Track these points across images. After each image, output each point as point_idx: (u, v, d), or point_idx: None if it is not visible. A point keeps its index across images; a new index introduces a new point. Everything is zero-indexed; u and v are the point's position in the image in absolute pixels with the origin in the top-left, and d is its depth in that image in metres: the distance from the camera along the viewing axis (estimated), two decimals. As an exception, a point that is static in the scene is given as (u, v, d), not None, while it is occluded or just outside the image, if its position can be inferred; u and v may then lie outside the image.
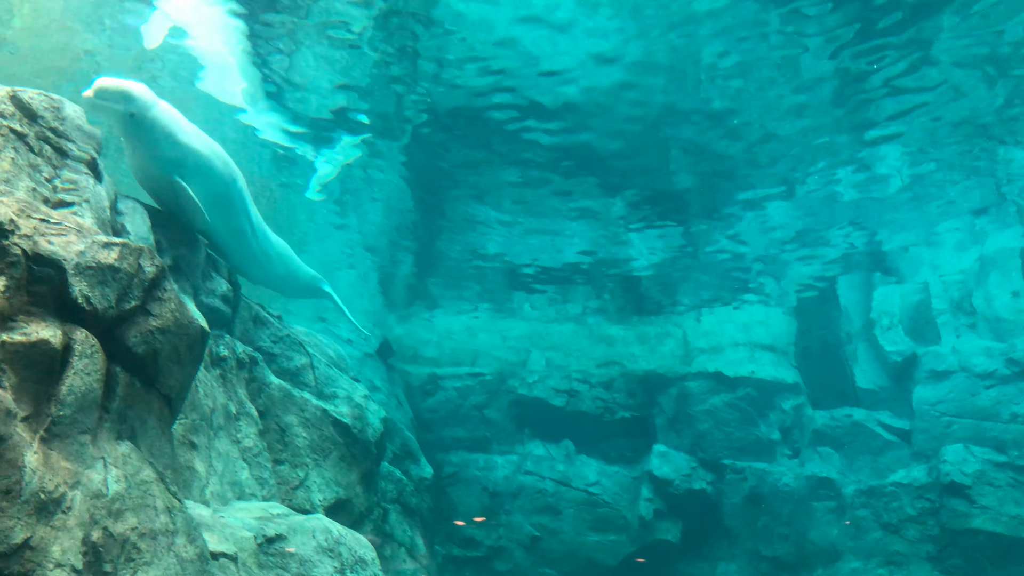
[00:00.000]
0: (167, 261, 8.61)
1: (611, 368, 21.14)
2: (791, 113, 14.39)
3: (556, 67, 12.95)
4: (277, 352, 11.88)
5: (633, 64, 12.82)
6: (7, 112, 6.21)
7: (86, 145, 6.94)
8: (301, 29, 12.14)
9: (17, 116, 6.27)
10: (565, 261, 20.79)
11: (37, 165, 6.27)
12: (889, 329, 20.60)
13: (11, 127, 6.16)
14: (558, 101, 13.99)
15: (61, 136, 6.67)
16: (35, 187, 6.12)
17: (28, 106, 6.42)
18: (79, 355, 5.39)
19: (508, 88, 13.59)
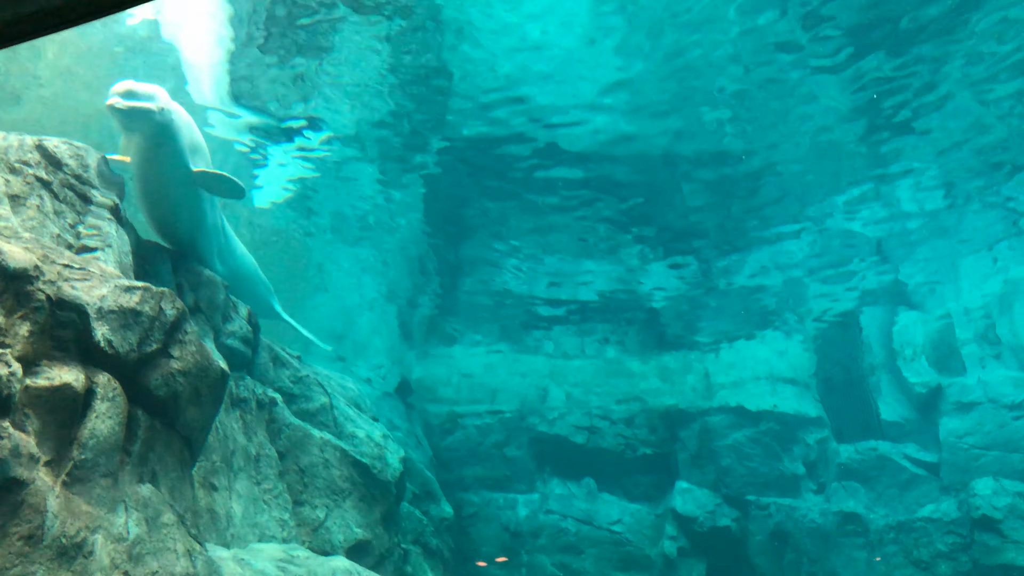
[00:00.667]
0: (188, 303, 8.69)
1: (632, 404, 21.00)
2: (809, 148, 14.42)
3: (571, 107, 13.07)
4: (297, 392, 11.90)
5: (648, 104, 12.93)
6: (33, 161, 6.34)
7: (109, 191, 7.07)
8: (323, 74, 12.36)
9: (43, 164, 6.40)
10: (584, 296, 20.78)
11: (61, 211, 6.38)
12: (912, 360, 20.36)
13: (36, 175, 6.28)
14: (574, 141, 14.10)
15: (85, 183, 6.80)
16: (59, 233, 6.22)
17: (53, 155, 6.56)
18: (101, 398, 5.44)
19: (523, 130, 13.71)
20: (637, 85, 12.57)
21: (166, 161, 8.57)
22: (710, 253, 18.92)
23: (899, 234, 18.32)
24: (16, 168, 6.17)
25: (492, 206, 16.63)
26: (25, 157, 6.34)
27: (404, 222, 17.66)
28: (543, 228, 17.57)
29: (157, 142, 8.39)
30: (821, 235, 18.22)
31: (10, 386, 4.83)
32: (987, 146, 14.86)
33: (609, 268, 19.52)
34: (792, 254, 19.00)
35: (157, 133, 8.31)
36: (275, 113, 13.66)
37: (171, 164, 8.65)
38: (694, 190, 16.03)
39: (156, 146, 8.45)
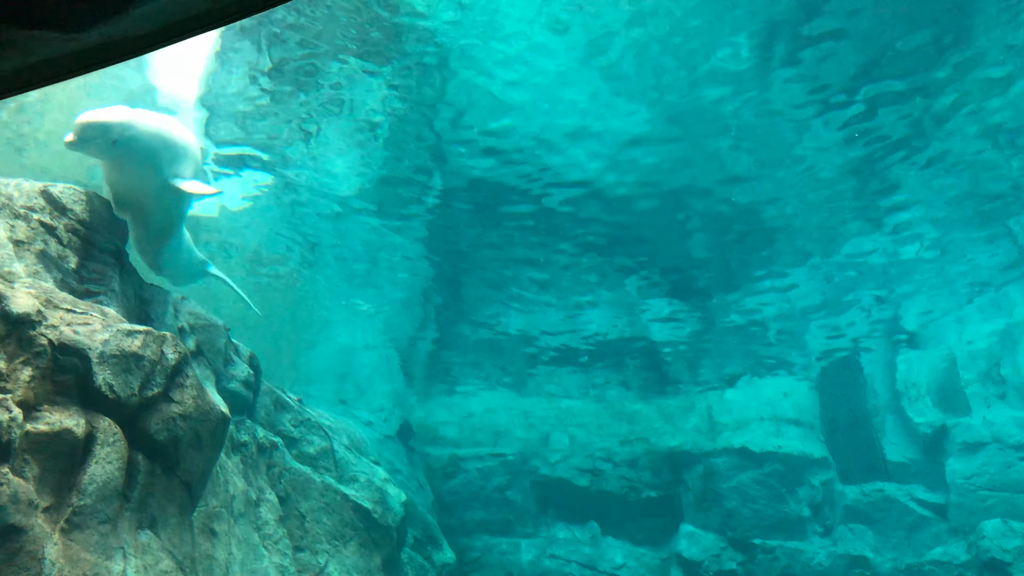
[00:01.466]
0: (189, 346, 8.70)
1: (635, 445, 20.87)
2: (809, 189, 14.51)
3: (573, 150, 13.19)
4: (297, 436, 11.85)
5: (650, 143, 13.04)
6: (38, 206, 6.39)
7: (113, 235, 7.11)
8: (323, 117, 12.49)
9: (47, 210, 6.45)
10: (586, 337, 20.75)
11: (65, 256, 6.42)
12: (916, 400, 20.25)
13: (41, 220, 6.33)
14: (575, 184, 14.19)
15: (89, 228, 6.84)
16: (63, 277, 6.25)
17: (58, 200, 6.62)
18: (101, 443, 5.42)
19: (525, 172, 13.81)
20: (640, 129, 12.69)
21: (133, 177, 8.33)
22: (712, 294, 18.93)
23: (900, 273, 18.34)
24: (21, 214, 6.22)
25: (494, 247, 16.69)
26: (30, 203, 6.39)
27: (405, 263, 17.70)
28: (545, 269, 17.61)
29: (120, 164, 8.21)
30: (822, 275, 18.24)
31: (10, 432, 4.82)
32: (988, 185, 14.94)
33: (611, 309, 19.52)
34: (793, 294, 19.01)
35: (119, 157, 8.13)
36: (271, 153, 13.78)
37: (139, 179, 8.41)
38: (696, 232, 16.10)
39: (120, 167, 8.26)
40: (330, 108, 12.30)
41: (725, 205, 15.11)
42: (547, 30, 10.53)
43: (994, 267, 18.54)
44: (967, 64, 11.49)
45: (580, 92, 11.89)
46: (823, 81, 11.74)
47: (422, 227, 16.17)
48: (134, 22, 1.79)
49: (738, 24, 10.50)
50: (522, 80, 11.60)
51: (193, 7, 1.85)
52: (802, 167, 14.02)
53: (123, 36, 1.86)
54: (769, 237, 16.50)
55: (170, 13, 1.84)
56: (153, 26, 1.89)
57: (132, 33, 1.88)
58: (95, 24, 1.69)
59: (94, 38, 1.76)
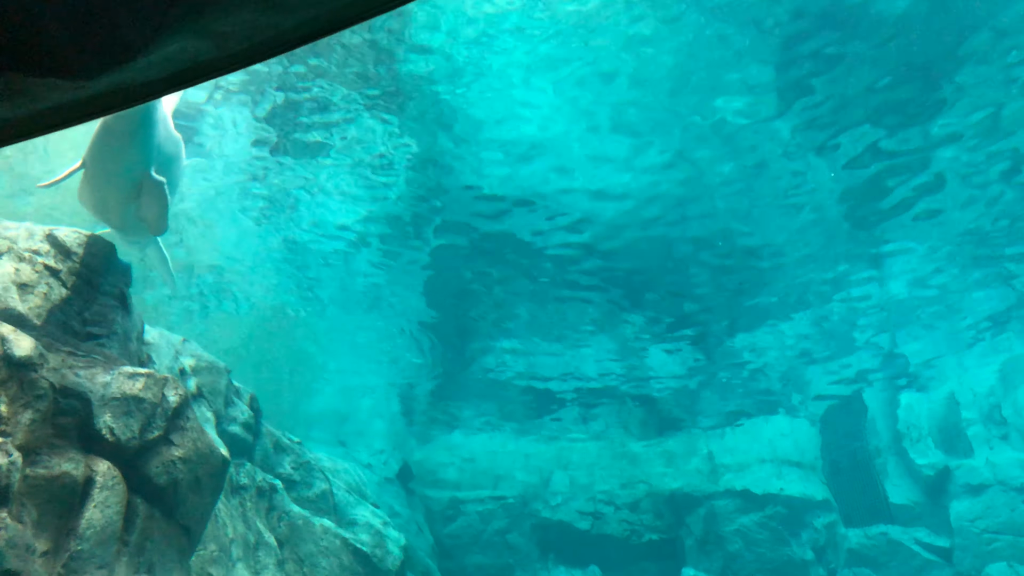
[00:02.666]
0: (190, 389, 8.70)
1: (637, 488, 20.71)
2: (808, 232, 14.60)
3: (576, 191, 13.30)
4: (297, 479, 11.78)
5: (653, 190, 13.16)
6: (43, 249, 6.45)
7: (116, 279, 7.15)
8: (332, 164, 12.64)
9: (52, 253, 6.50)
10: (586, 379, 20.71)
11: (69, 299, 6.45)
12: (918, 441, 20.14)
13: (46, 263, 6.38)
14: (578, 225, 14.29)
15: (93, 271, 6.89)
16: (66, 320, 6.28)
17: (63, 243, 6.67)
18: (100, 487, 5.40)
19: (527, 215, 13.92)
20: (642, 172, 12.81)
21: (127, 158, 8.09)
22: (712, 335, 18.92)
23: (900, 314, 18.35)
24: (26, 257, 6.27)
25: (495, 289, 16.74)
26: (35, 246, 6.45)
27: (406, 305, 17.74)
28: (546, 311, 17.64)
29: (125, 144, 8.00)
30: (822, 317, 18.26)
31: (9, 476, 4.81)
32: (985, 227, 15.04)
33: (612, 351, 19.50)
34: (794, 336, 19.00)
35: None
36: (272, 190, 13.90)
37: (131, 162, 8.19)
38: (697, 273, 16.15)
39: (123, 148, 7.99)
40: (333, 151, 12.43)
41: (725, 248, 15.19)
42: (548, 84, 10.70)
43: (993, 309, 18.58)
44: (960, 108, 11.64)
45: (580, 142, 12.04)
46: (820, 126, 11.88)
47: (423, 270, 16.25)
48: (141, 70, 1.83)
49: (735, 73, 10.65)
50: (523, 130, 11.76)
51: (200, 55, 1.90)
52: (800, 211, 14.12)
53: (130, 84, 1.91)
54: (769, 279, 16.56)
55: (177, 62, 1.88)
56: (160, 74, 1.93)
57: (139, 80, 1.92)
58: (103, 73, 1.73)
59: (102, 86, 1.80)
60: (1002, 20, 9.98)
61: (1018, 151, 12.81)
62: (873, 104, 11.45)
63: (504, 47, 10.05)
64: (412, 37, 9.88)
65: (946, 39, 10.24)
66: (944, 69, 10.82)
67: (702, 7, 9.47)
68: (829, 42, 10.18)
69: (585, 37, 9.88)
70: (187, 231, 15.11)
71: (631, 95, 11.00)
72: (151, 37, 1.68)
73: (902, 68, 10.72)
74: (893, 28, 9.94)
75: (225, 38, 1.82)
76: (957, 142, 12.46)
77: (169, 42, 1.74)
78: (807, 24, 9.87)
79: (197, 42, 1.82)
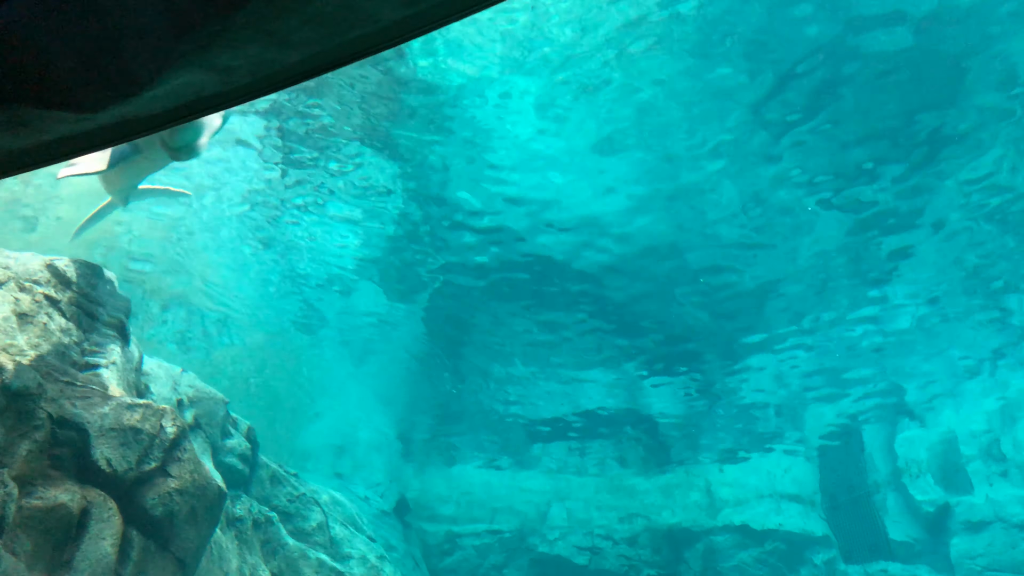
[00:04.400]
0: (187, 420, 8.67)
1: (635, 522, 20.54)
2: (807, 267, 14.65)
3: (575, 225, 13.36)
4: (293, 511, 11.70)
5: (651, 223, 13.23)
6: (43, 279, 6.47)
7: (116, 310, 7.17)
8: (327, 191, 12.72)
9: (52, 283, 6.52)
10: (585, 412, 20.63)
11: (68, 329, 6.46)
12: (918, 477, 20.02)
13: (46, 293, 6.39)
14: (577, 260, 14.33)
15: (93, 301, 6.91)
16: (65, 351, 6.28)
17: (63, 273, 6.69)
18: (96, 519, 5.37)
19: (526, 249, 13.97)
20: (641, 206, 12.88)
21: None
22: (711, 369, 18.90)
23: (899, 349, 18.33)
24: (26, 287, 6.29)
25: (494, 323, 16.75)
26: (35, 276, 6.47)
27: (405, 338, 17.73)
28: (545, 344, 17.63)
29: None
30: (821, 351, 18.24)
31: (5, 507, 4.79)
32: (981, 263, 15.09)
33: (611, 384, 19.45)
34: (792, 370, 18.97)
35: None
36: (275, 226, 13.97)
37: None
38: (696, 308, 16.18)
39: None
40: (336, 184, 12.51)
41: (724, 283, 15.23)
42: (548, 131, 10.83)
43: (992, 345, 18.58)
44: (956, 146, 11.74)
45: (578, 180, 12.14)
46: (816, 162, 11.97)
47: (423, 304, 16.27)
48: (147, 103, 1.86)
49: (730, 113, 10.76)
50: (523, 168, 11.86)
51: (205, 89, 1.93)
52: (799, 246, 14.18)
53: (135, 116, 1.94)
54: (767, 313, 16.58)
55: (183, 95, 1.92)
56: (166, 106, 1.96)
57: (145, 113, 1.95)
58: (109, 105, 1.75)
59: (107, 118, 1.83)
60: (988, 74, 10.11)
61: (1011, 190, 12.91)
62: (871, 142, 11.55)
63: (504, 89, 10.16)
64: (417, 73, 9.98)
65: (940, 83, 10.36)
66: (941, 108, 10.93)
67: (695, 49, 9.59)
68: (826, 78, 10.29)
69: (583, 75, 9.99)
70: (189, 261, 15.16)
71: (626, 130, 11.10)
72: (158, 71, 1.71)
73: (897, 109, 10.84)
74: (889, 65, 10.06)
75: (231, 72, 1.86)
76: (956, 181, 12.56)
77: (176, 76, 1.77)
78: (805, 63, 9.99)
79: (203, 76, 1.85)
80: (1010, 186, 12.90)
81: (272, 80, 1.94)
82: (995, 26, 9.60)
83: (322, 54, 1.83)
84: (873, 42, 9.73)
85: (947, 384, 20.10)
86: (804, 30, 9.53)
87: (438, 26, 1.81)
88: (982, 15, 9.42)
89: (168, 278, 15.77)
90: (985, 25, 9.58)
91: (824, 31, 9.54)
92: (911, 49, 9.82)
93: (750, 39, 9.58)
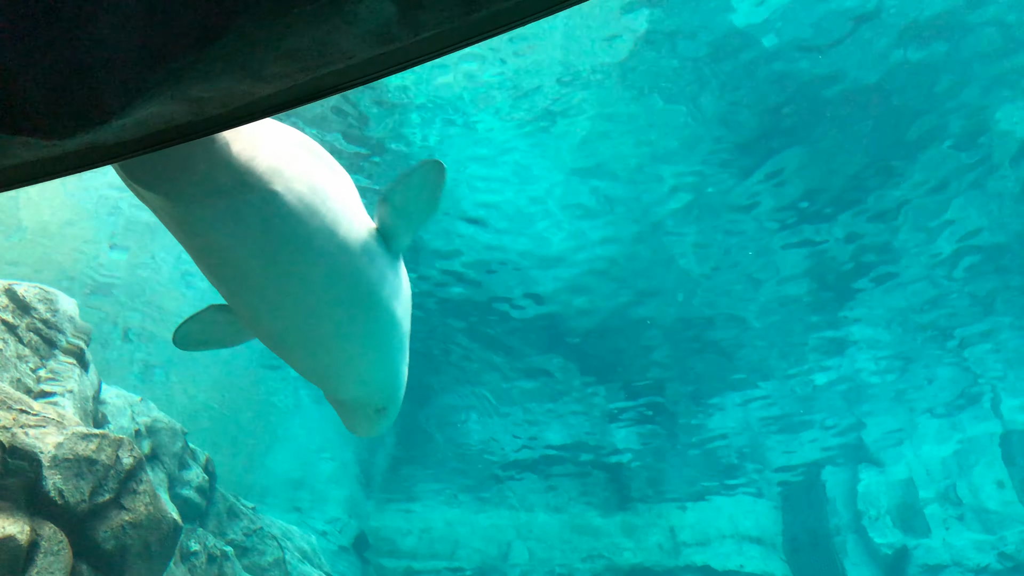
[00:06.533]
0: (144, 450, 8.50)
1: (596, 562, 20.43)
2: (769, 311, 14.82)
3: (540, 262, 13.42)
4: (249, 546, 11.47)
5: (610, 261, 13.32)
6: (0, 304, 6.34)
7: (76, 337, 7.04)
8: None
9: (10, 308, 6.39)
10: (548, 451, 20.56)
11: (24, 356, 6.33)
12: (877, 520, 20.18)
13: (3, 319, 6.27)
14: (536, 294, 14.38)
15: (52, 327, 6.78)
16: (20, 377, 6.15)
17: (22, 299, 6.57)
18: (44, 552, 5.23)
19: (489, 283, 14.00)
20: (602, 249, 12.98)
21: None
22: (674, 410, 18.97)
23: (859, 394, 18.55)
24: (-19, 311, 6.17)
25: (456, 360, 16.69)
26: (-8, 300, 6.34)
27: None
28: (508, 381, 17.59)
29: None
30: (783, 395, 18.40)
31: (-49, 536, 4.64)
32: (939, 311, 15.38)
33: (574, 424, 19.43)
34: (755, 413, 19.10)
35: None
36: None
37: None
38: (658, 349, 16.26)
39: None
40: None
41: (685, 326, 15.34)
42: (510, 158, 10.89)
43: (948, 390, 18.88)
44: (913, 190, 12.00)
45: (544, 217, 12.21)
46: (779, 205, 12.16)
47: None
48: (116, 132, 1.85)
49: (694, 152, 10.93)
50: (489, 204, 11.92)
51: (175, 119, 1.92)
52: (760, 290, 14.35)
53: (104, 143, 1.92)
54: (730, 357, 16.71)
55: (152, 124, 1.90)
56: (135, 135, 1.95)
57: (112, 140, 1.93)
58: (77, 133, 1.73)
59: (75, 144, 1.81)
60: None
61: (971, 233, 13.19)
62: (836, 183, 11.77)
63: (473, 120, 10.24)
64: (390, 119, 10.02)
65: (904, 122, 10.62)
66: (905, 151, 11.18)
67: (662, 87, 9.74)
68: (795, 120, 10.49)
69: (549, 115, 10.10)
70: (151, 290, 14.96)
71: (588, 165, 11.21)
72: (128, 100, 1.70)
73: (866, 146, 11.07)
74: (856, 106, 10.28)
75: (202, 103, 1.85)
76: (914, 225, 12.81)
77: (146, 105, 1.76)
78: (774, 99, 10.18)
79: (174, 106, 1.85)
80: (970, 235, 13.19)
81: (244, 112, 1.94)
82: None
83: (295, 88, 1.84)
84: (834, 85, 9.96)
85: (907, 429, 20.36)
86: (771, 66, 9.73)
87: (412, 64, 1.82)
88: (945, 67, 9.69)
89: (130, 307, 15.55)
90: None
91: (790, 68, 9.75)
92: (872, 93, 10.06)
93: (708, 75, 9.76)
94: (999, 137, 10.97)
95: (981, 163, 11.44)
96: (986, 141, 11.02)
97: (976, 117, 10.55)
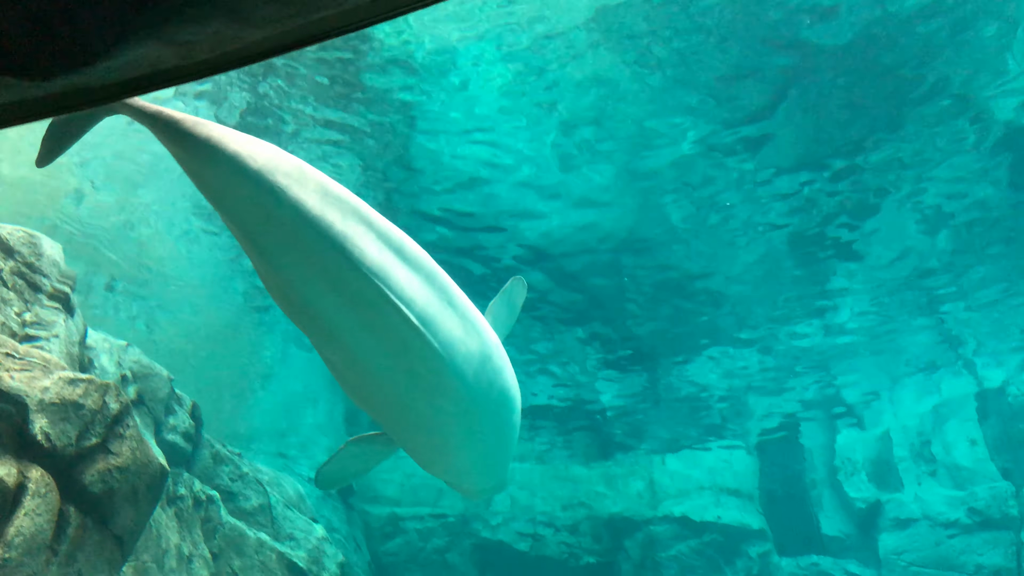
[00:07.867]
0: (130, 395, 8.53)
1: (577, 510, 20.75)
2: (752, 266, 14.90)
3: (526, 209, 13.41)
4: (235, 491, 11.59)
5: (598, 212, 13.33)
6: (-18, 247, 6.29)
7: (61, 282, 7.01)
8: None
9: (-8, 250, 6.35)
10: (531, 399, 20.75)
11: (8, 299, 6.30)
12: (852, 475, 20.57)
13: (-16, 261, 6.23)
14: (523, 244, 14.39)
15: (36, 271, 6.74)
16: (4, 321, 6.13)
17: (5, 242, 6.52)
18: (32, 494, 5.27)
19: (474, 233, 13.98)
20: (593, 199, 12.97)
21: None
22: (656, 362, 19.14)
23: (839, 351, 18.78)
24: (-36, 253, 6.12)
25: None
26: (-25, 243, 6.29)
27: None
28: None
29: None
30: (764, 350, 18.59)
31: (-63, 477, 4.67)
32: (921, 270, 15.51)
33: (558, 372, 19.59)
34: (736, 366, 19.31)
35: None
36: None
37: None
38: (641, 300, 16.36)
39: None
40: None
41: (669, 275, 15.41)
42: (509, 109, 10.81)
43: (926, 350, 19.13)
44: (899, 150, 12.02)
45: (534, 164, 12.16)
46: (764, 163, 12.16)
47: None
48: (101, 73, 1.82)
49: (685, 109, 10.88)
50: (478, 150, 11.85)
51: (162, 62, 1.90)
52: (747, 245, 14.40)
53: (88, 85, 1.90)
54: (713, 310, 16.83)
55: (138, 67, 1.88)
56: (121, 78, 1.92)
57: (98, 83, 1.91)
58: (60, 73, 1.71)
59: (58, 86, 1.78)
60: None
61: (954, 195, 13.26)
62: (820, 141, 11.76)
63: (466, 76, 10.14)
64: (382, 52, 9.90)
65: (888, 81, 10.59)
66: (891, 111, 11.17)
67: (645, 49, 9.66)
68: (778, 76, 10.45)
69: (542, 70, 10.02)
70: (138, 234, 14.86)
71: (581, 121, 11.16)
72: (113, 42, 1.67)
73: (850, 104, 11.05)
74: (840, 60, 10.25)
75: (190, 47, 1.83)
76: (896, 183, 12.85)
77: (132, 48, 1.73)
78: (755, 59, 10.13)
79: (161, 49, 1.82)
80: (956, 196, 13.26)
81: (232, 57, 1.92)
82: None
83: (285, 33, 1.81)
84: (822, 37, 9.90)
85: (884, 387, 20.65)
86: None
87: (408, 11, 1.80)
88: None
89: (115, 251, 15.44)
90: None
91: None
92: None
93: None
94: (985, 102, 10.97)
95: (967, 125, 11.46)
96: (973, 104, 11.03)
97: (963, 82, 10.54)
